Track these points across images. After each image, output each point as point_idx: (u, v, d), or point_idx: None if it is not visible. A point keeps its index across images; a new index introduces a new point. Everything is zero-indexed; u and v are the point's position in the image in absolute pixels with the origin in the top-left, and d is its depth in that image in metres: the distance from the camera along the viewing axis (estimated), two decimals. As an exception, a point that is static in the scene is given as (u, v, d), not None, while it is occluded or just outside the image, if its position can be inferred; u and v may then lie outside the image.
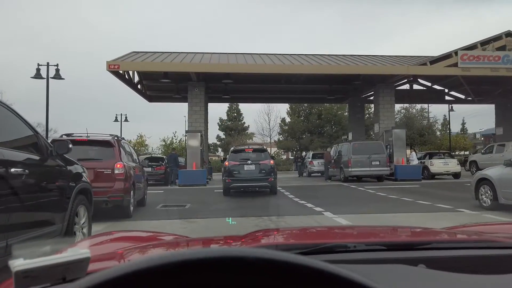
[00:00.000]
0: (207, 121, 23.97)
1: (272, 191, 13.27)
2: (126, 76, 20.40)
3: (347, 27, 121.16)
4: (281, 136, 49.30)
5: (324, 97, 27.47)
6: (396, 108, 24.99)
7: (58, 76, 21.43)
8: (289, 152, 50.65)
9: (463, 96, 28.66)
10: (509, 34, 19.64)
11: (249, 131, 50.73)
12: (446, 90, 27.81)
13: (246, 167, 13.13)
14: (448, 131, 43.85)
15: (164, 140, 41.68)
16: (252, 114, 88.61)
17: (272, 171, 13.12)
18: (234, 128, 50.04)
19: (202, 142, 20.21)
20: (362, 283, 0.56)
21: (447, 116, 45.10)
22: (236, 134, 47.77)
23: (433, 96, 28.22)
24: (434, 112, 73.95)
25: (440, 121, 49.05)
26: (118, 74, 19.29)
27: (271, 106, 47.18)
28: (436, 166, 20.31)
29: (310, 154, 28.44)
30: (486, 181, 8.90)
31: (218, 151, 52.61)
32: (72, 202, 4.29)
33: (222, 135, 51.54)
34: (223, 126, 51.25)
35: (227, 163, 13.54)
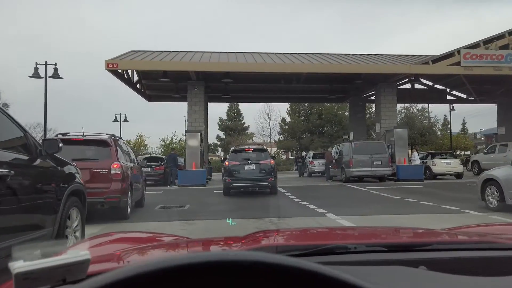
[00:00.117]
0: (206, 120, 23.76)
1: (272, 191, 13.23)
2: (125, 75, 20.17)
3: (346, 27, 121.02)
4: (281, 136, 49.11)
5: (325, 96, 27.25)
6: (397, 108, 24.75)
7: (56, 75, 21.19)
8: (289, 152, 50.48)
9: (464, 96, 28.42)
10: (512, 32, 19.43)
11: (249, 131, 50.63)
12: (448, 90, 27.57)
13: (246, 167, 13.10)
14: (448, 131, 43.65)
15: (163, 140, 41.52)
16: (252, 114, 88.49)
17: (272, 171, 13.10)
18: (234, 128, 49.85)
19: (202, 142, 19.99)
20: (356, 284, 0.56)
21: (447, 116, 45.00)
22: (236, 134, 47.58)
23: (434, 96, 27.96)
24: (435, 112, 73.98)
25: (440, 121, 48.91)
26: (117, 73, 19.06)
27: (271, 106, 47.06)
28: (438, 166, 20.09)
29: (310, 154, 28.22)
30: (492, 181, 8.68)
31: (218, 151, 52.45)
32: (63, 204, 4.07)
33: (222, 135, 51.37)
34: (223, 126, 51.07)
35: (227, 163, 13.52)
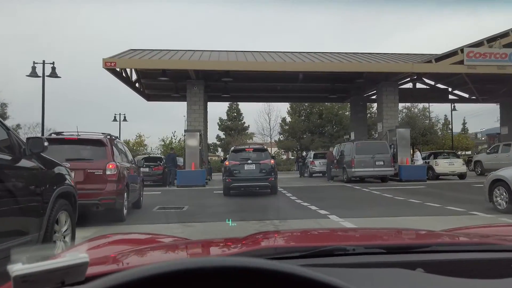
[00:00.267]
0: (206, 120, 23.48)
1: (272, 191, 13.22)
2: (124, 74, 19.88)
3: (346, 27, 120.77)
4: (281, 136, 48.82)
5: (326, 96, 26.94)
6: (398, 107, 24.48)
7: (54, 74, 20.92)
8: (289, 152, 50.22)
9: (467, 95, 28.16)
10: (516, 30, 19.14)
11: (249, 131, 50.34)
12: (450, 89, 27.29)
13: (246, 167, 13.09)
14: (449, 131, 43.40)
15: (163, 140, 41.28)
16: (252, 114, 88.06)
17: (272, 171, 13.09)
18: (234, 128, 49.59)
19: (201, 142, 19.72)
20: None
21: (447, 116, 44.72)
22: (236, 134, 47.32)
23: (436, 95, 27.63)
24: (436, 112, 73.57)
25: (441, 121, 48.58)
26: (115, 72, 18.78)
27: (272, 106, 46.73)
28: (441, 166, 19.81)
29: (311, 154, 27.94)
30: (501, 182, 8.40)
31: (218, 151, 52.21)
32: (50, 207, 3.78)
33: (222, 135, 51.12)
34: (223, 126, 50.81)
35: (227, 163, 13.51)
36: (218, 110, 75.11)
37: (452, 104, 33.73)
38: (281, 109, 73.43)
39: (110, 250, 1.46)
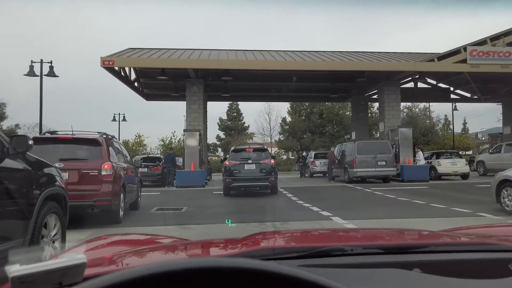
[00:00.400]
0: (206, 120, 23.23)
1: (272, 191, 13.19)
2: (122, 73, 19.62)
3: (344, 27, 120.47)
4: (281, 136, 48.55)
5: (327, 95, 26.66)
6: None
7: (52, 73, 20.66)
8: (289, 152, 49.96)
9: (469, 95, 27.87)
10: (520, 29, 18.90)
11: (249, 131, 50.08)
12: (452, 89, 27.02)
13: (246, 167, 13.07)
14: (449, 131, 43.19)
15: (162, 140, 41.04)
16: (252, 114, 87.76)
17: (272, 171, 13.08)
18: (234, 128, 49.34)
19: (201, 142, 19.48)
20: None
21: (448, 116, 44.51)
22: (236, 134, 47.08)
23: (438, 95, 27.36)
24: (436, 112, 73.28)
25: (442, 121, 48.36)
26: (114, 71, 18.52)
27: (272, 106, 46.45)
28: (444, 166, 19.54)
29: (312, 154, 27.69)
30: (509, 182, 8.16)
31: (218, 151, 51.94)
32: (37, 210, 3.53)
33: (222, 135, 50.86)
34: (223, 126, 50.56)
35: (227, 163, 13.46)
36: (218, 110, 74.98)
37: (453, 104, 33.48)
38: (281, 109, 73.35)
39: (108, 251, 1.45)
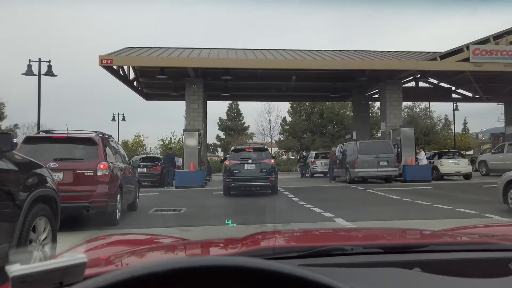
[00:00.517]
0: (205, 119, 23.00)
1: (273, 191, 13.15)
2: (121, 72, 19.39)
3: (345, 27, 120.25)
4: (282, 136, 48.33)
5: (327, 95, 26.39)
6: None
7: (50, 72, 20.45)
8: (289, 152, 49.75)
9: (470, 94, 27.65)
10: (523, 27, 18.66)
11: (249, 131, 49.87)
12: (453, 88, 26.78)
13: (247, 166, 13.04)
14: (449, 131, 43.01)
15: (162, 140, 40.81)
16: (252, 114, 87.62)
17: (273, 171, 13.05)
18: (234, 128, 49.14)
19: (201, 141, 19.25)
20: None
21: (448, 116, 44.35)
22: (236, 134, 46.87)
23: (439, 94, 27.07)
24: (437, 112, 72.96)
25: (442, 121, 48.18)
26: (112, 70, 18.29)
27: (272, 105, 46.23)
28: (446, 166, 19.31)
29: (312, 154, 27.46)
30: (517, 183, 7.95)
31: (218, 151, 51.73)
32: (24, 213, 3.31)
33: (222, 135, 50.65)
34: (223, 126, 50.36)
35: (227, 162, 13.42)
36: (218, 110, 74.87)
37: (454, 104, 33.26)
38: (281, 108, 73.15)
39: (108, 251, 1.45)
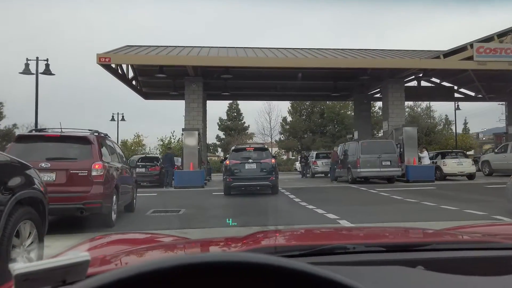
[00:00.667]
0: (205, 119, 22.72)
1: (273, 190, 13.07)
2: (119, 71, 19.10)
3: (345, 26, 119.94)
4: (282, 135, 48.06)
5: (329, 94, 26.10)
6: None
7: (48, 71, 20.20)
8: (290, 152, 49.49)
9: (473, 94, 27.36)
10: (527, 25, 18.39)
11: (249, 131, 49.60)
12: (456, 87, 26.52)
13: (247, 166, 12.98)
14: (449, 131, 42.76)
15: (162, 140, 40.51)
16: (252, 114, 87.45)
17: (273, 170, 12.99)
18: (234, 128, 48.89)
19: (200, 141, 18.97)
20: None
21: (448, 116, 44.12)
22: (236, 134, 46.61)
23: (442, 93, 26.77)
24: (439, 112, 72.72)
25: (443, 121, 47.91)
26: (110, 68, 18.00)
27: (272, 105, 46.00)
28: (450, 166, 19.02)
29: (313, 153, 27.19)
30: (527, 183, 7.66)
31: (218, 151, 51.47)
32: (6, 217, 3.05)
33: (222, 135, 50.39)
34: (223, 126, 50.11)
35: (228, 162, 13.35)
36: (218, 110, 74.65)
37: (456, 103, 32.97)
38: (281, 108, 72.90)
39: (109, 250, 1.45)
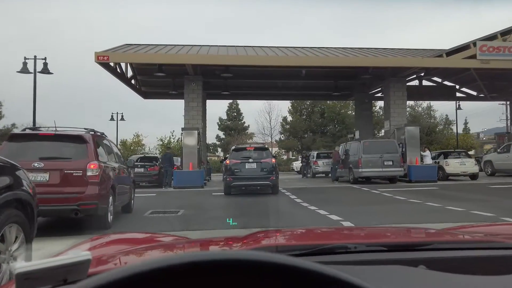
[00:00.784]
0: (205, 118, 22.50)
1: (274, 190, 13.00)
2: (118, 69, 18.87)
3: (346, 26, 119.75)
4: (282, 135, 47.81)
5: (329, 93, 25.87)
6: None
7: (46, 70, 19.99)
8: (290, 152, 49.25)
9: (475, 93, 27.16)
10: (530, 23, 18.18)
11: (249, 130, 49.38)
12: (458, 87, 26.29)
13: (247, 166, 12.92)
14: (450, 131, 42.54)
15: (161, 140, 40.31)
16: (252, 114, 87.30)
17: (273, 170, 12.94)
18: (234, 128, 48.67)
19: (200, 141, 18.74)
20: (351, 282, 0.56)
21: (449, 116, 43.91)
22: (236, 134, 46.39)
23: (443, 93, 26.49)
24: (440, 111, 72.52)
25: (444, 120, 47.67)
26: (109, 67, 17.77)
27: (272, 105, 45.77)
28: (452, 166, 18.79)
29: (314, 153, 26.97)
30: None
31: (218, 151, 51.25)
32: (-12, 221, 2.83)
33: (222, 135, 50.16)
34: (222, 126, 49.88)
35: (228, 162, 13.27)
36: (218, 110, 74.52)
37: (457, 103, 32.76)
38: (282, 108, 72.56)
39: (110, 249, 1.46)
